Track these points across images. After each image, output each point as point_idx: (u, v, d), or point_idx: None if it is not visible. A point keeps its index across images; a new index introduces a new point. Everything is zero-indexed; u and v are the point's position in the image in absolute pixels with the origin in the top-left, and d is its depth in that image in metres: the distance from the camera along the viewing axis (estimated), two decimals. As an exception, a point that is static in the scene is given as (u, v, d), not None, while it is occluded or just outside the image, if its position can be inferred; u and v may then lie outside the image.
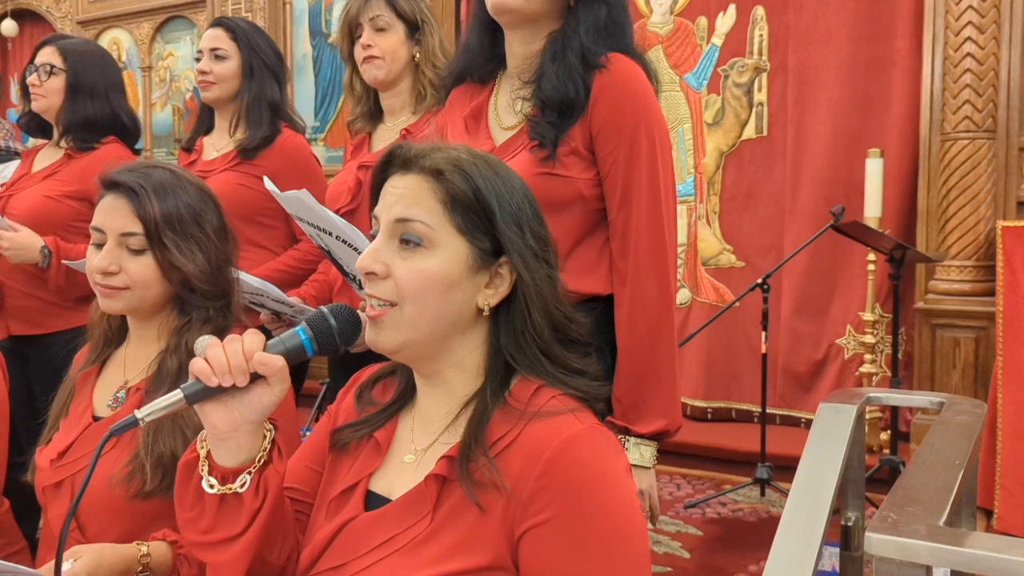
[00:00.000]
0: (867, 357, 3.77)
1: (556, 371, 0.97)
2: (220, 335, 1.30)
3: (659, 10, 4.39)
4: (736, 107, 4.22)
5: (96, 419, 1.39)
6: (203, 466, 0.97)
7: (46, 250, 2.31)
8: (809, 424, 1.66)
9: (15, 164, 2.88)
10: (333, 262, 1.84)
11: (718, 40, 4.25)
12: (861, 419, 1.25)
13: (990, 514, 3.06)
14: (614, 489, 0.91)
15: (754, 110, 4.18)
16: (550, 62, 1.43)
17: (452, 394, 1.00)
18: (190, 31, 5.65)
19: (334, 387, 2.28)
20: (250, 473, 0.96)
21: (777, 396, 4.11)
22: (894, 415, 3.47)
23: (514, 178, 1.01)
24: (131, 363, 1.41)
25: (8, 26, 6.11)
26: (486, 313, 0.98)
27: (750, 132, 4.20)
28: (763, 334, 3.49)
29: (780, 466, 3.46)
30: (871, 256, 3.70)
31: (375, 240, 0.98)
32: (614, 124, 1.41)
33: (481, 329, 0.99)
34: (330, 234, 1.68)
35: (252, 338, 0.93)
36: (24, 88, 2.52)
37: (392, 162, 1.01)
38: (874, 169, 3.59)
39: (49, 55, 2.46)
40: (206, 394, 0.93)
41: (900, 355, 3.62)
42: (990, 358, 3.33)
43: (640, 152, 1.41)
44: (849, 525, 1.24)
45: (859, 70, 3.89)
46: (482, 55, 1.56)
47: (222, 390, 0.92)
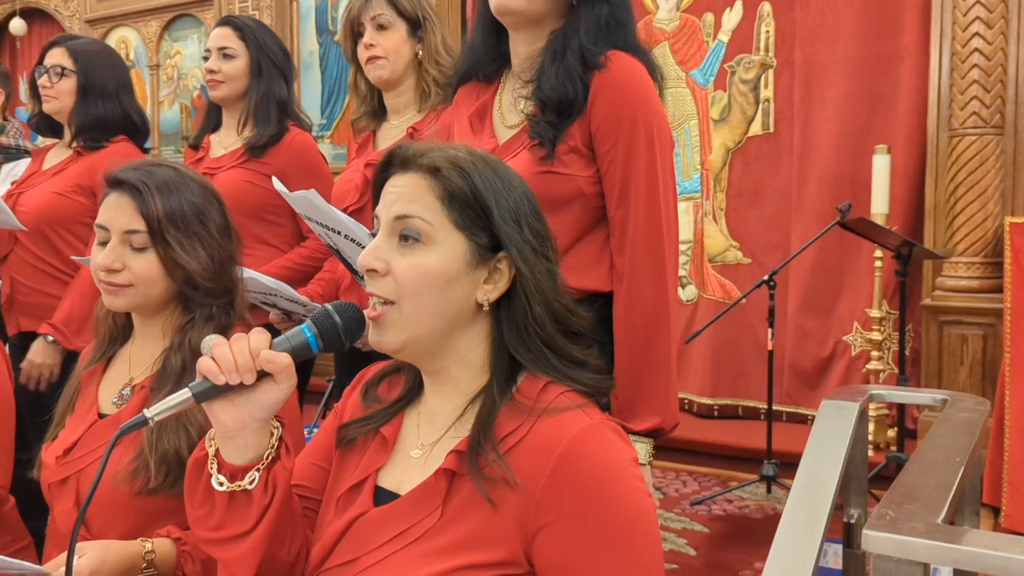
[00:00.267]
0: (874, 354, 3.76)
1: (560, 363, 0.98)
2: (224, 333, 1.31)
3: (665, 6, 4.38)
4: (742, 103, 4.21)
5: (101, 416, 1.40)
6: (212, 464, 0.98)
7: None
8: (814, 421, 1.66)
9: (25, 162, 2.90)
10: (342, 260, 1.85)
11: (724, 36, 4.24)
12: (864, 416, 1.25)
13: (998, 511, 3.05)
14: (626, 481, 0.92)
15: (761, 106, 4.17)
16: (550, 62, 1.44)
17: (458, 390, 1.00)
18: (197, 29, 5.66)
19: (340, 384, 2.29)
20: (259, 470, 0.97)
21: (784, 393, 4.11)
22: (901, 412, 3.46)
23: (512, 176, 1.02)
24: (136, 360, 1.42)
25: (16, 25, 6.13)
26: (486, 308, 0.98)
27: (756, 128, 4.19)
28: (769, 331, 3.48)
29: (786, 463, 3.46)
30: (878, 253, 3.68)
31: (375, 238, 1.00)
32: (612, 122, 1.41)
33: (483, 325, 1.00)
34: (338, 233, 1.69)
35: (258, 336, 0.94)
36: (33, 87, 2.54)
37: (392, 162, 1.02)
38: (881, 165, 3.58)
39: (59, 56, 2.47)
40: (214, 392, 0.94)
41: (907, 352, 3.61)
42: (998, 355, 3.32)
43: (638, 149, 1.42)
44: (852, 522, 1.24)
45: (866, 66, 3.88)
46: (487, 54, 1.57)
47: (229, 388, 0.93)
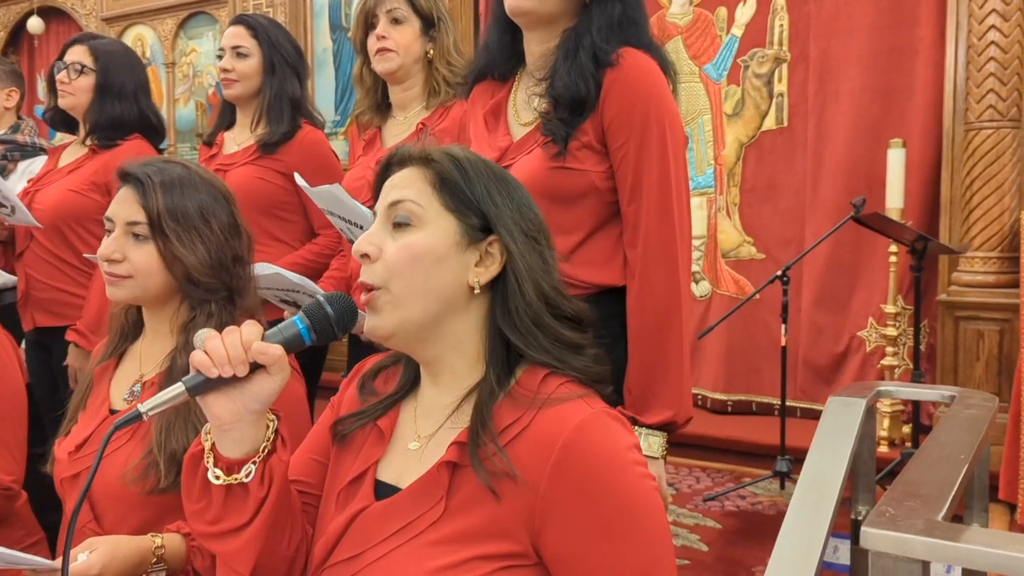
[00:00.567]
0: (889, 350, 3.74)
1: (551, 345, 0.98)
2: None
3: (678, 1, 4.36)
4: (756, 98, 4.18)
5: (113, 412, 1.41)
6: (208, 458, 0.98)
7: None
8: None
9: (41, 160, 2.93)
10: None
11: (738, 31, 4.22)
12: (871, 412, 1.25)
13: (1014, 508, 3.02)
14: (629, 468, 0.93)
15: (774, 101, 4.15)
16: (563, 60, 1.45)
17: (455, 381, 1.01)
18: (212, 27, 5.69)
19: (352, 380, 2.30)
20: (255, 463, 0.97)
21: (798, 389, 4.09)
22: (916, 408, 3.44)
23: (508, 174, 1.04)
24: (146, 357, 1.43)
25: (34, 23, 6.18)
26: (477, 291, 0.99)
27: (770, 123, 4.17)
28: (783, 327, 3.47)
29: (800, 459, 3.37)
30: (893, 248, 3.66)
31: (371, 226, 1.02)
32: (624, 118, 1.43)
33: (477, 311, 1.00)
34: (360, 227, 1.71)
35: (250, 328, 0.95)
36: (51, 82, 2.56)
37: (391, 162, 1.05)
38: (896, 160, 3.56)
39: (80, 54, 2.49)
40: (207, 386, 0.94)
41: (923, 348, 3.58)
42: (1014, 350, 3.29)
43: (650, 145, 1.43)
44: (859, 519, 1.24)
45: (881, 59, 3.85)
46: (502, 53, 1.58)
47: (223, 381, 0.93)
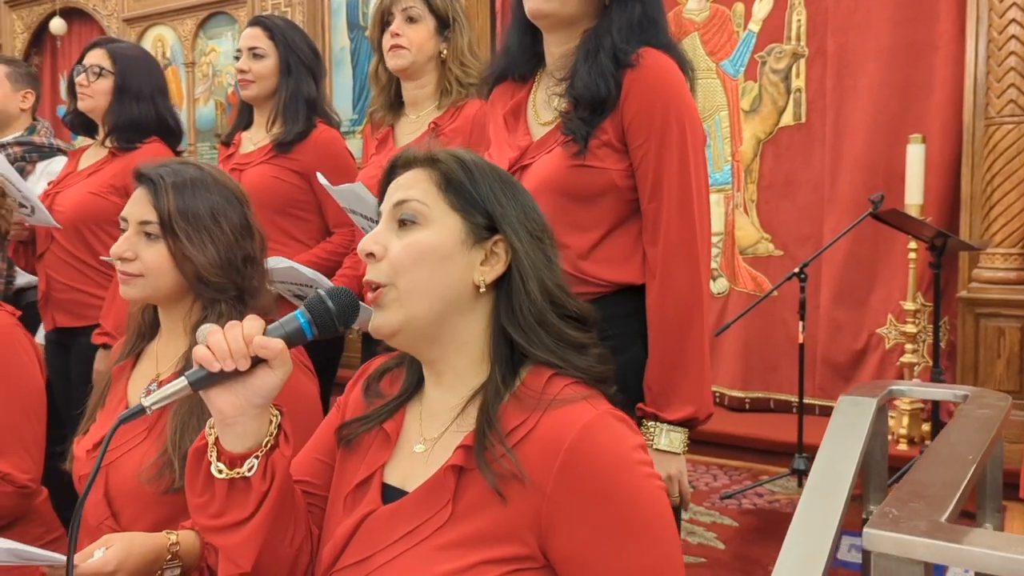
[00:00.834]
0: (908, 347, 3.70)
1: (555, 344, 0.98)
2: None
3: (695, -4, 4.35)
4: (773, 94, 4.16)
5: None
6: (212, 452, 0.99)
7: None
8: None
9: (59, 160, 2.96)
10: None
11: (755, 26, 4.19)
12: (883, 411, 1.24)
13: (1035, 507, 3.00)
14: (635, 469, 0.93)
15: (792, 96, 4.12)
16: (583, 61, 1.47)
17: (460, 382, 1.01)
18: (231, 27, 5.73)
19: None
20: (257, 457, 0.98)
21: (816, 386, 4.06)
22: (935, 406, 3.41)
23: (513, 177, 1.05)
24: (163, 356, 1.45)
25: (56, 24, 6.25)
26: (483, 290, 0.99)
27: (788, 119, 4.14)
28: (800, 324, 3.45)
29: (818, 457, 3.42)
30: (912, 244, 3.63)
31: (376, 226, 1.02)
32: (644, 117, 1.44)
33: (481, 310, 1.00)
34: None
35: (251, 323, 0.95)
36: (71, 85, 2.60)
37: (396, 164, 1.06)
38: (915, 155, 3.52)
39: (99, 57, 2.53)
40: (210, 380, 0.94)
41: (943, 345, 3.55)
42: (1035, 348, 3.26)
43: (671, 143, 1.44)
44: (868, 518, 1.23)
45: (900, 54, 3.81)
46: (522, 55, 1.60)
47: (225, 375, 0.94)
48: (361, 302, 1.02)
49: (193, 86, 5.98)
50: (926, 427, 3.60)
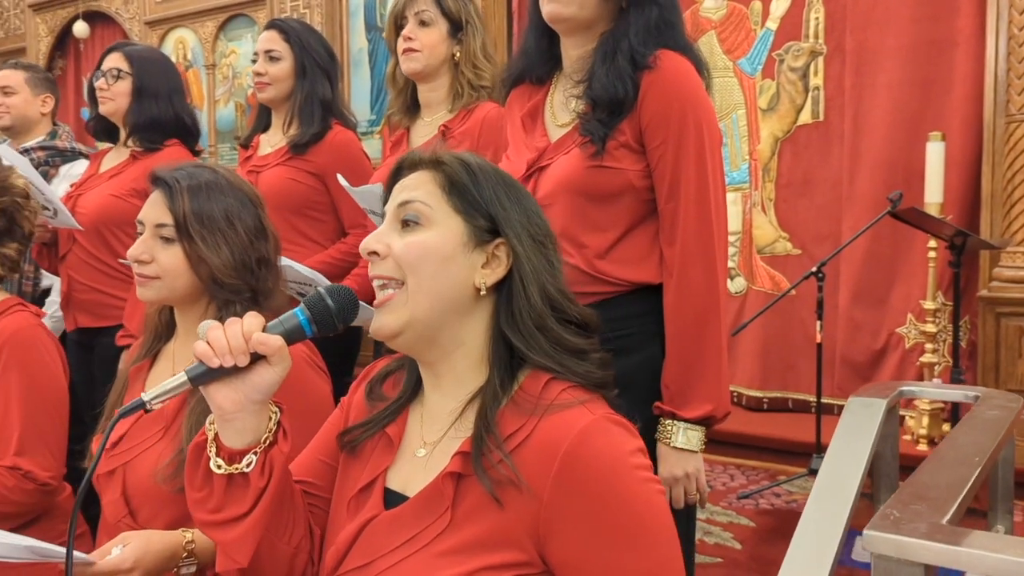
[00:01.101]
0: (928, 347, 3.67)
1: (553, 349, 0.98)
2: None
3: (712, -5, 4.34)
4: (791, 92, 4.14)
5: (147, 411, 1.45)
6: (211, 447, 1.00)
7: None
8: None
9: (80, 163, 3.01)
10: None
11: (772, 24, 4.17)
12: (893, 412, 1.24)
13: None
14: (631, 473, 0.93)
15: (810, 94, 4.10)
16: (600, 63, 1.48)
17: (458, 385, 1.01)
18: (251, 28, 5.78)
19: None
20: (255, 454, 0.99)
21: (835, 386, 4.04)
22: (955, 407, 3.38)
23: (517, 182, 1.06)
24: (179, 357, 1.47)
25: (80, 28, 6.33)
26: (483, 293, 0.99)
27: (806, 117, 4.12)
28: (818, 323, 3.43)
29: (836, 457, 3.40)
30: (932, 243, 3.60)
31: (380, 226, 1.03)
32: (661, 119, 1.45)
33: (482, 313, 1.01)
34: None
35: (251, 320, 0.96)
36: (91, 92, 2.64)
37: (402, 166, 1.07)
38: (935, 153, 3.49)
39: (116, 60, 2.58)
40: (209, 376, 0.95)
41: (964, 344, 3.52)
42: (1058, 347, 3.22)
43: (688, 144, 1.46)
44: (880, 520, 1.23)
45: (920, 51, 3.78)
46: (539, 57, 1.62)
47: (224, 371, 0.95)
48: (362, 301, 1.03)
49: (214, 88, 6.03)
50: (946, 427, 3.57)
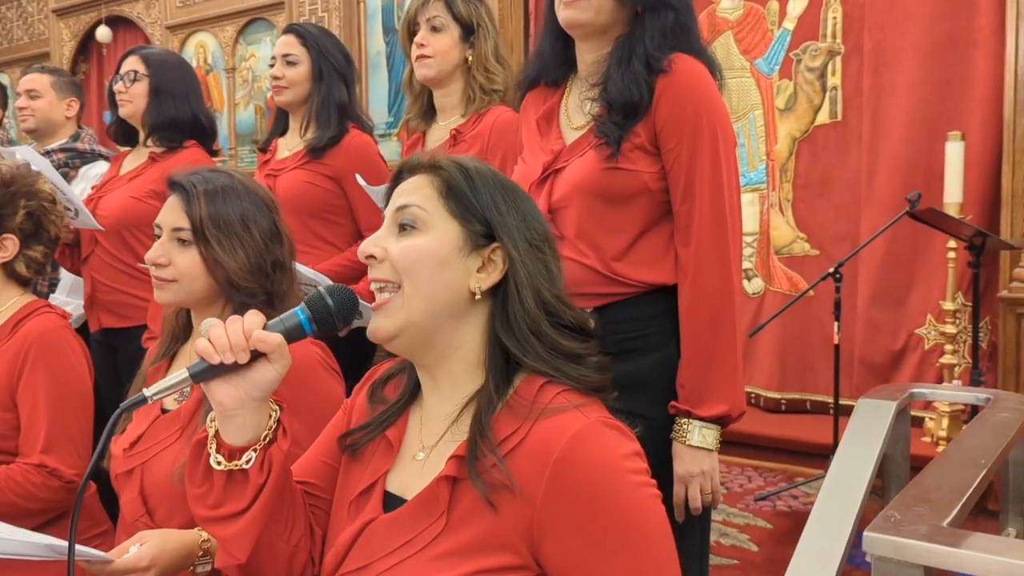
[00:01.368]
0: (948, 348, 3.64)
1: (548, 354, 0.99)
2: None
3: (729, -5, 4.32)
4: (809, 92, 4.12)
5: (164, 411, 1.48)
6: (212, 444, 1.01)
7: None
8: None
9: (100, 164, 3.05)
10: None
11: (790, 24, 4.15)
12: (903, 414, 1.24)
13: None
14: (625, 477, 0.93)
15: (828, 94, 4.08)
16: (616, 67, 1.50)
17: (455, 388, 1.02)
18: (270, 32, 5.82)
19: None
20: (255, 451, 1.00)
21: (854, 387, 4.01)
22: (974, 408, 3.35)
23: (518, 186, 1.06)
24: (196, 358, 1.49)
25: (103, 32, 6.41)
26: (479, 297, 1.00)
27: (824, 117, 4.09)
28: (836, 324, 3.42)
29: (854, 459, 3.38)
30: (951, 243, 3.57)
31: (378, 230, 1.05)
32: (676, 122, 1.47)
33: (477, 317, 1.02)
34: None
35: (252, 318, 0.98)
36: (111, 96, 2.69)
37: (403, 170, 1.08)
38: (955, 153, 3.46)
39: (133, 63, 2.63)
40: (210, 372, 0.97)
41: (984, 346, 3.48)
42: (1079, 349, 3.19)
43: (702, 147, 1.47)
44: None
45: (939, 50, 3.75)
46: (555, 60, 1.64)
47: (225, 368, 0.96)
48: (363, 300, 1.04)
49: (234, 91, 6.08)
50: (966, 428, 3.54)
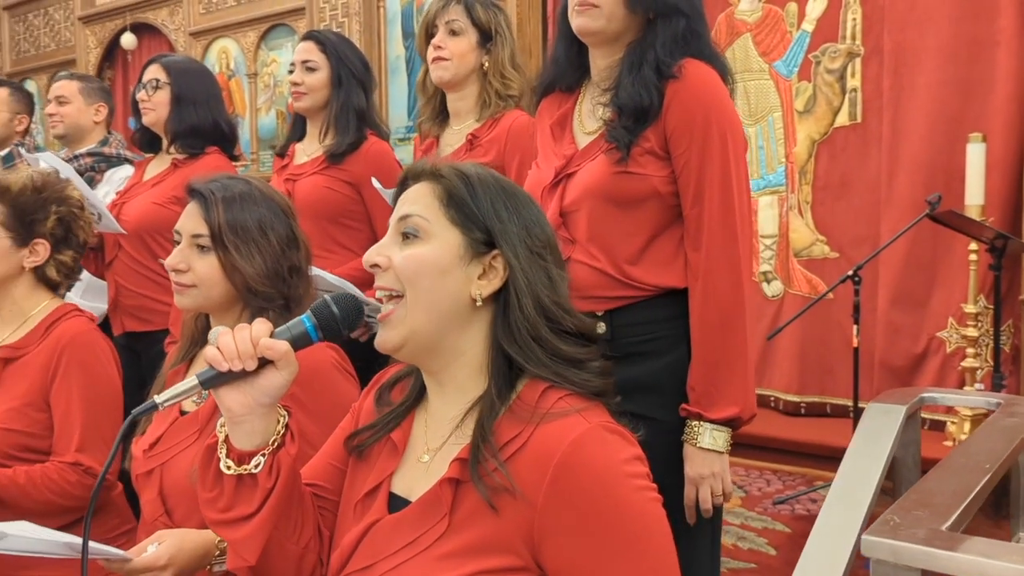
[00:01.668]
0: (969, 351, 3.61)
1: (550, 360, 1.00)
2: None
3: (747, -3, 4.32)
4: (828, 94, 4.10)
5: (183, 413, 1.52)
6: (222, 449, 1.04)
7: None
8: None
9: (125, 168, 3.10)
10: None
11: (808, 26, 4.14)
12: (914, 419, 1.24)
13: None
14: (625, 482, 0.94)
15: (847, 96, 4.05)
16: (627, 73, 1.52)
17: (461, 393, 1.04)
18: (291, 38, 5.88)
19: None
20: (264, 455, 1.02)
21: (874, 391, 3.97)
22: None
23: (521, 191, 1.08)
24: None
25: (127, 39, 6.51)
26: (480, 304, 1.02)
27: (843, 119, 4.07)
28: (855, 327, 3.40)
29: (874, 463, 3.36)
30: (973, 246, 3.54)
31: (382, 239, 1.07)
32: (686, 126, 1.49)
33: (480, 323, 1.03)
34: None
35: (259, 326, 1.00)
36: (134, 105, 2.74)
37: (407, 178, 1.10)
38: (976, 155, 3.43)
39: (155, 71, 2.68)
40: (219, 379, 0.99)
41: (1007, 349, 3.45)
42: (1103, 352, 3.15)
43: (712, 151, 1.49)
44: (900, 526, 1.23)
45: (960, 51, 3.72)
46: (569, 66, 1.66)
47: (233, 375, 0.99)
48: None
49: (255, 96, 6.15)
50: (988, 433, 3.50)
